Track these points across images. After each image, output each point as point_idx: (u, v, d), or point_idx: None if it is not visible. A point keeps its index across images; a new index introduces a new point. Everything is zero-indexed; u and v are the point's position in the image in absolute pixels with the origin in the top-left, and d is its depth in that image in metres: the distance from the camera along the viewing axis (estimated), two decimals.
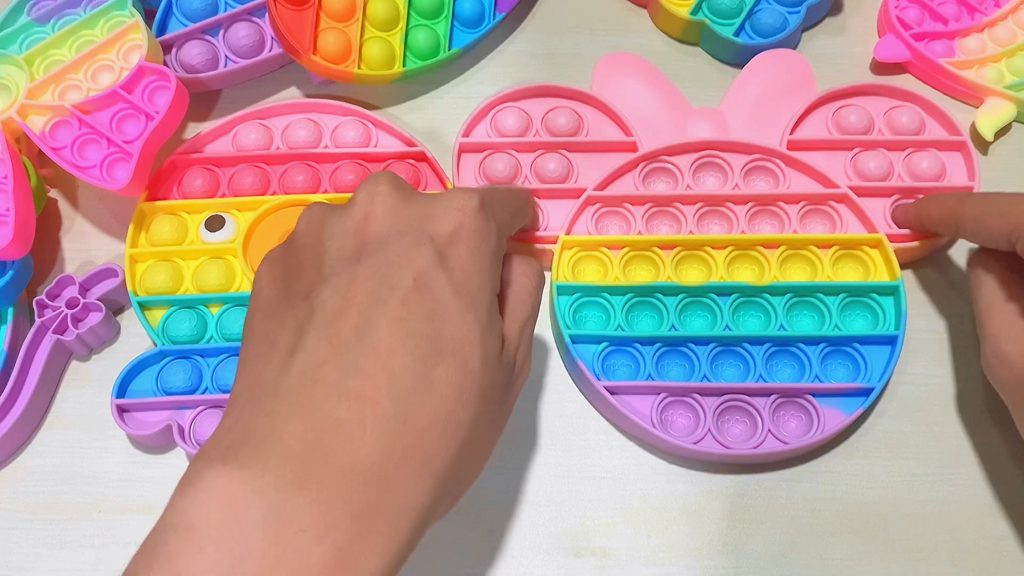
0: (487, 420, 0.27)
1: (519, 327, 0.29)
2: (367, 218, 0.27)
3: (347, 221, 0.27)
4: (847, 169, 0.41)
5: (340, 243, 0.27)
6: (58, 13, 0.42)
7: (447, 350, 0.25)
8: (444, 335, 0.25)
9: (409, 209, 0.27)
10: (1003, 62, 0.44)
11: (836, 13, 0.47)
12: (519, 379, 0.30)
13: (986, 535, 0.35)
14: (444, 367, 0.25)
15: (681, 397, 0.37)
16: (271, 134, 0.42)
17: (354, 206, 0.27)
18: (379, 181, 0.28)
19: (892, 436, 0.37)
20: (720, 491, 0.36)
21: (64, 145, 0.39)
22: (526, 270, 0.30)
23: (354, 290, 0.25)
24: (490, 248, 0.28)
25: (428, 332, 0.25)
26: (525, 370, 0.30)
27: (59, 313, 0.37)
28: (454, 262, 0.26)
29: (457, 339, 0.25)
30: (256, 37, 0.43)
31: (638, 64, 0.43)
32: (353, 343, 0.24)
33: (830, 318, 0.38)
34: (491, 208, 0.28)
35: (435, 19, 0.44)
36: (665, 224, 0.40)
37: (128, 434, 0.36)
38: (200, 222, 0.40)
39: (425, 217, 0.27)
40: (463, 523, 0.36)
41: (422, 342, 0.25)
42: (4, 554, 0.35)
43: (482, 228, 0.27)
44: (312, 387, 0.24)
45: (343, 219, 0.27)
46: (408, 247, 0.26)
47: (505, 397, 0.28)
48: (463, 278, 0.26)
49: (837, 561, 0.35)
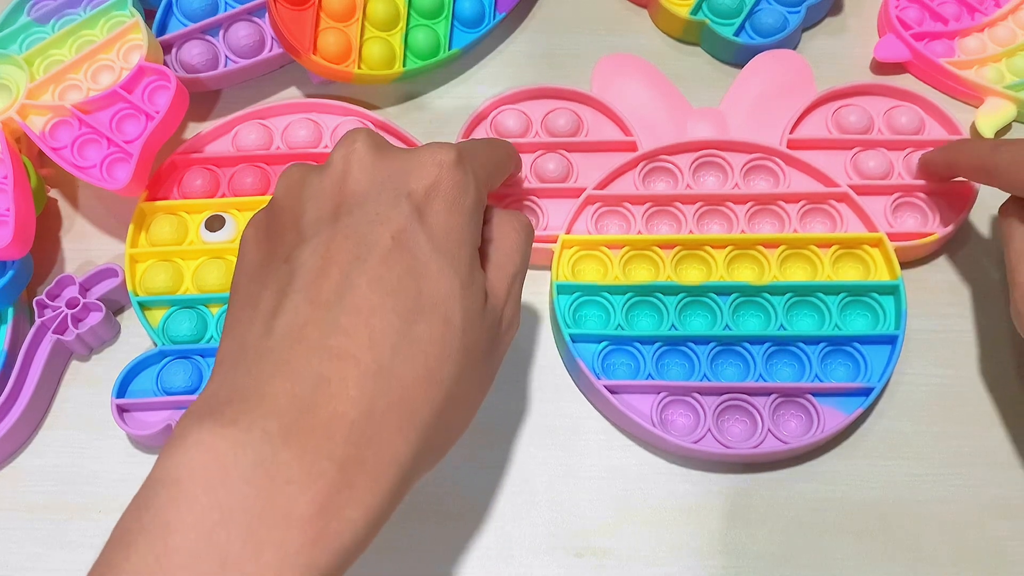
0: (471, 375, 0.27)
1: (506, 282, 0.29)
2: (344, 177, 0.27)
3: (324, 181, 0.27)
4: (847, 168, 0.41)
5: (318, 204, 0.27)
6: (58, 13, 0.42)
7: (427, 307, 0.25)
8: (424, 292, 0.25)
9: (386, 166, 0.27)
10: (1003, 62, 0.44)
11: (836, 13, 0.47)
12: (507, 334, 0.30)
13: (986, 535, 0.35)
14: (425, 324, 0.25)
15: (681, 396, 0.37)
16: (271, 134, 0.42)
17: (331, 166, 0.28)
18: (355, 139, 0.28)
19: (892, 436, 0.37)
20: (720, 491, 0.36)
21: (64, 145, 0.39)
22: (513, 224, 0.30)
23: (333, 250, 0.25)
24: (469, 202, 0.28)
25: (408, 290, 0.25)
26: (514, 325, 0.30)
27: (59, 313, 0.37)
28: (432, 218, 0.27)
29: (437, 296, 0.26)
30: (256, 37, 0.43)
31: (638, 64, 0.43)
32: (334, 302, 0.25)
33: (830, 318, 0.38)
34: (469, 161, 0.28)
35: (435, 19, 0.44)
36: (665, 223, 0.40)
37: (128, 434, 0.36)
38: (200, 222, 0.40)
39: (402, 173, 0.27)
40: (463, 523, 0.36)
41: (402, 300, 0.25)
42: (4, 554, 0.35)
43: (460, 182, 0.27)
44: (295, 346, 0.24)
45: (321, 179, 0.27)
46: (386, 205, 0.26)
47: (491, 352, 0.28)
48: (442, 234, 0.26)
49: (837, 561, 0.35)
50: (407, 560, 0.35)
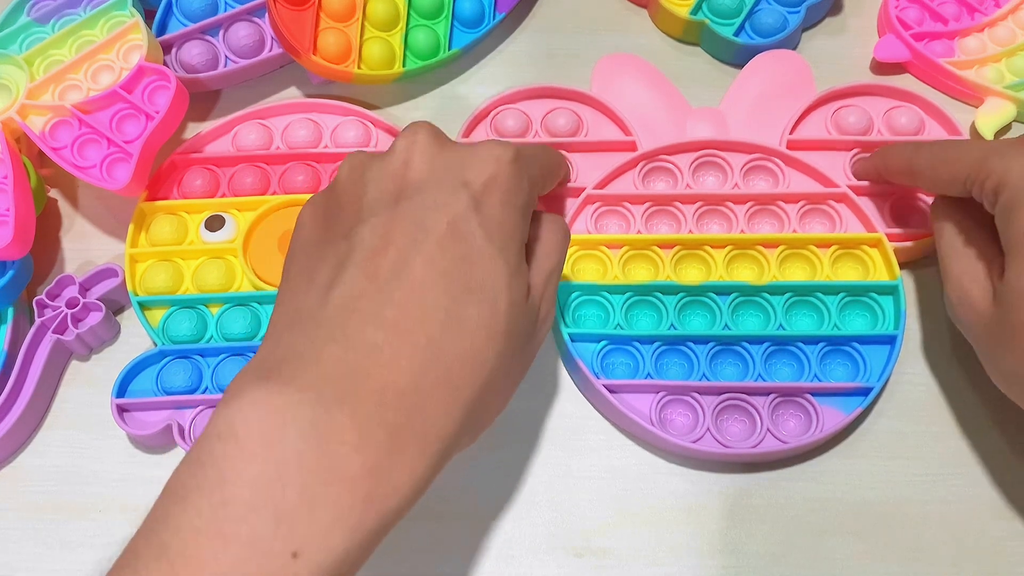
0: (511, 361, 0.28)
1: (544, 278, 0.30)
2: (407, 164, 0.28)
3: (387, 167, 0.29)
4: (847, 169, 0.41)
5: (380, 187, 0.28)
6: (58, 13, 0.42)
7: (477, 291, 0.26)
8: (475, 277, 0.27)
9: (446, 157, 0.29)
10: (1003, 62, 0.44)
11: (836, 13, 0.47)
12: (543, 327, 0.31)
13: (986, 535, 0.35)
14: (474, 306, 0.26)
15: (680, 396, 0.37)
16: (271, 134, 0.42)
17: (394, 153, 0.29)
18: (418, 130, 0.29)
19: (892, 436, 0.37)
20: (720, 490, 0.36)
21: (64, 145, 0.39)
22: (553, 226, 0.32)
23: (392, 230, 0.27)
24: (522, 199, 0.29)
25: (460, 273, 0.26)
26: (549, 320, 0.31)
27: (59, 313, 0.37)
28: (487, 210, 0.28)
29: (487, 281, 0.27)
30: (256, 37, 0.43)
31: (637, 64, 0.43)
32: (390, 279, 0.26)
33: (829, 317, 0.38)
34: (525, 162, 0.30)
35: (435, 19, 0.44)
36: (664, 223, 0.40)
37: (128, 434, 0.36)
38: (200, 222, 0.40)
39: (461, 165, 0.28)
40: (463, 523, 0.36)
41: (454, 282, 0.26)
42: (4, 554, 0.35)
43: (515, 179, 0.29)
44: (350, 315, 0.25)
45: (383, 165, 0.29)
46: (445, 193, 0.27)
47: (529, 342, 0.30)
48: (495, 225, 0.28)
49: (837, 561, 0.35)
50: (407, 560, 0.35)
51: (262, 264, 0.39)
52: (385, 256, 0.26)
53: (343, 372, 0.24)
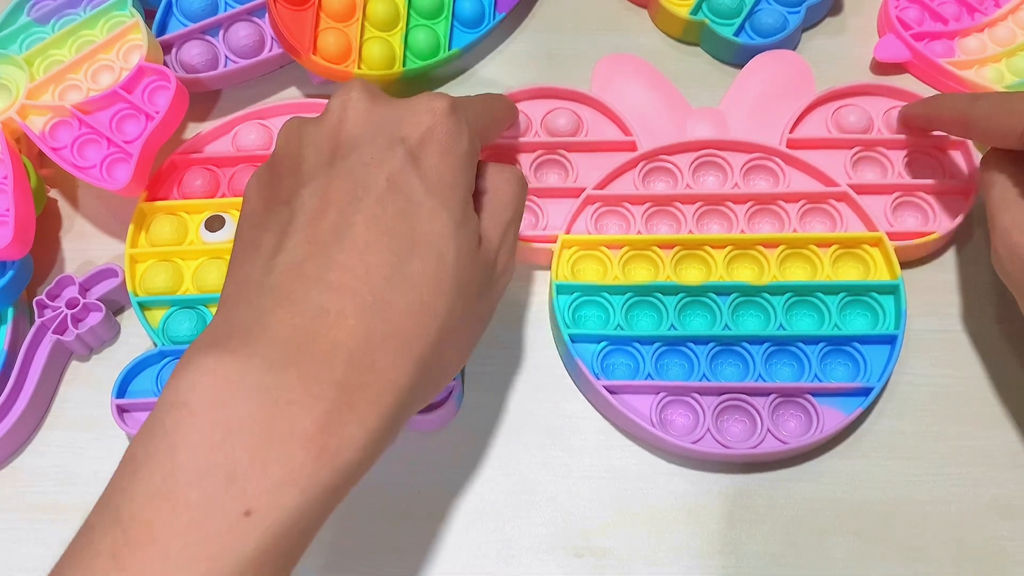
0: (465, 312, 0.28)
1: (501, 229, 0.30)
2: (340, 123, 0.28)
3: (322, 128, 0.29)
4: (847, 168, 0.41)
5: (316, 149, 0.28)
6: (58, 13, 0.42)
7: (421, 244, 0.27)
8: (417, 231, 0.27)
9: (381, 112, 0.29)
10: (1003, 62, 0.44)
11: (836, 13, 0.47)
12: (502, 278, 0.31)
13: (986, 535, 0.35)
14: (419, 260, 0.26)
15: (680, 396, 0.37)
16: (271, 134, 0.42)
17: (328, 114, 0.29)
18: (351, 87, 0.29)
19: (892, 436, 0.37)
20: (720, 491, 0.36)
21: (64, 145, 0.39)
22: (506, 176, 0.32)
23: (331, 191, 0.27)
24: (462, 149, 0.29)
25: (402, 229, 0.26)
26: (508, 270, 0.31)
27: (59, 313, 0.37)
28: (425, 162, 0.28)
29: (430, 234, 0.27)
30: (256, 37, 0.43)
31: (637, 65, 0.43)
32: (332, 240, 0.26)
33: (830, 317, 0.38)
34: (463, 111, 0.29)
35: (435, 19, 0.44)
36: (664, 223, 0.40)
37: (128, 434, 0.36)
38: (200, 222, 0.40)
39: (397, 120, 0.28)
40: (463, 523, 0.36)
41: (396, 238, 0.26)
42: (4, 554, 0.35)
43: (453, 129, 0.28)
44: (295, 281, 0.26)
45: (318, 127, 0.29)
46: (381, 149, 0.27)
47: (486, 293, 0.30)
48: (435, 177, 0.28)
49: (837, 561, 0.35)
50: (407, 560, 0.35)
51: None
52: (326, 218, 0.26)
53: (291, 336, 0.24)
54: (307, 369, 0.24)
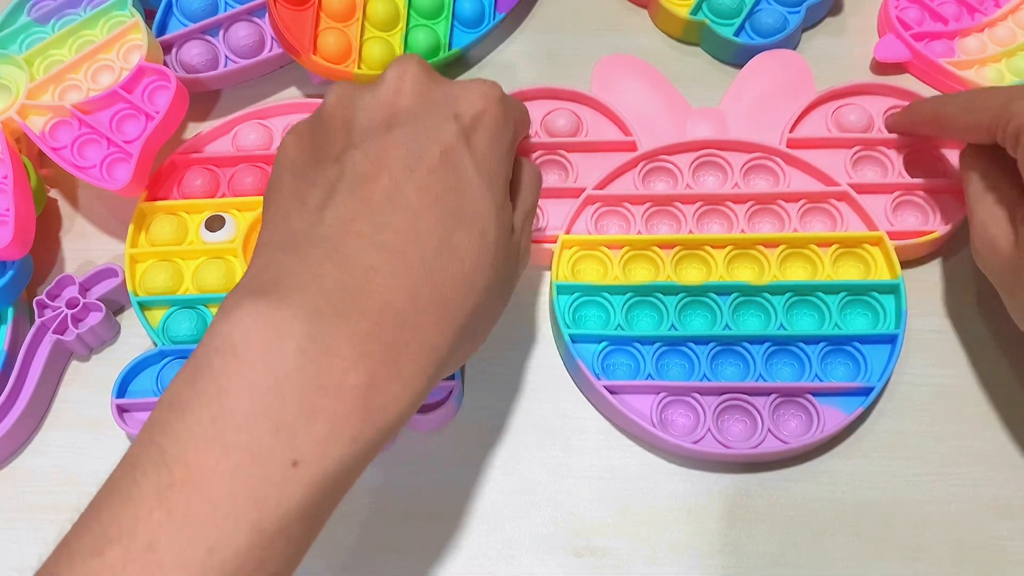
0: (496, 290, 0.29)
1: (522, 217, 0.31)
2: (397, 93, 0.29)
3: (378, 95, 0.29)
4: (847, 167, 0.41)
5: (370, 114, 0.29)
6: (58, 13, 0.42)
7: (467, 219, 0.27)
8: (465, 206, 0.27)
9: (437, 89, 0.29)
10: (1003, 62, 0.44)
11: (836, 13, 0.47)
12: (521, 264, 0.32)
13: (986, 535, 0.35)
14: (464, 234, 0.27)
15: (681, 396, 0.37)
16: (271, 134, 0.42)
17: (383, 82, 0.29)
18: (409, 60, 0.30)
19: (892, 436, 0.37)
20: (720, 491, 0.36)
21: (64, 145, 0.39)
22: (528, 168, 0.33)
23: (385, 156, 0.27)
24: (508, 137, 0.30)
25: (451, 202, 0.27)
26: (526, 258, 0.32)
27: (59, 313, 0.37)
28: (476, 143, 0.28)
29: (476, 212, 0.28)
30: (256, 37, 0.43)
31: (637, 65, 0.43)
32: (383, 203, 0.26)
33: (830, 317, 0.38)
34: (510, 103, 0.31)
35: (435, 19, 0.44)
36: (665, 223, 0.40)
37: (128, 434, 0.36)
38: (200, 222, 0.40)
39: (452, 98, 0.29)
40: (464, 523, 0.36)
41: (445, 210, 0.27)
42: (4, 554, 0.35)
43: (502, 117, 0.30)
44: (344, 237, 0.26)
45: (374, 93, 0.29)
46: (437, 122, 0.28)
47: (511, 278, 0.31)
48: (483, 159, 0.28)
49: (837, 561, 0.35)
50: (407, 560, 0.35)
51: None
52: (378, 181, 0.27)
53: (339, 290, 0.25)
54: (357, 324, 0.24)
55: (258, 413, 0.23)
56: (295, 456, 0.23)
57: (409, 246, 0.26)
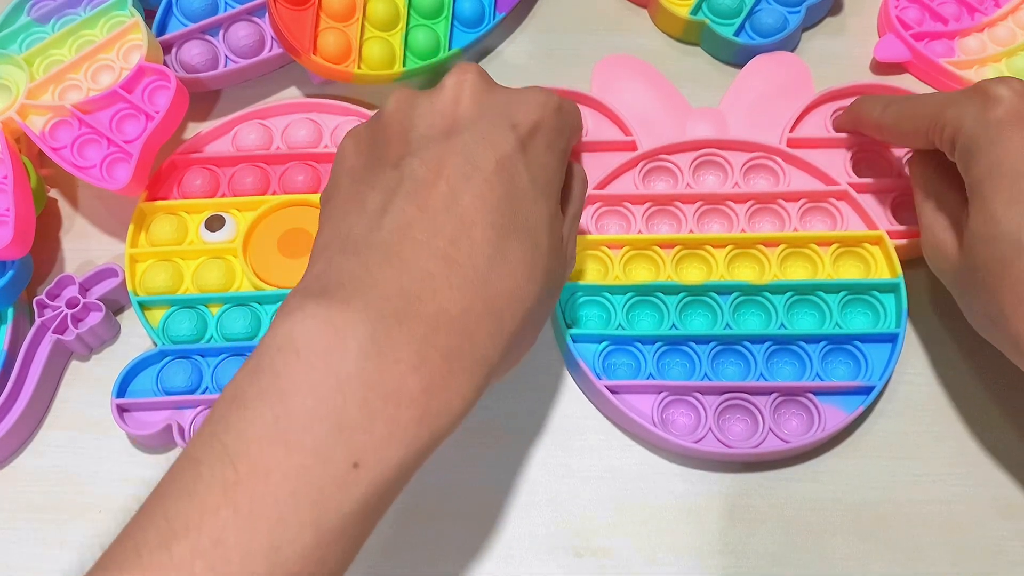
0: (545, 300, 0.29)
1: (570, 223, 0.32)
2: (456, 101, 0.29)
3: (436, 103, 0.29)
4: (847, 166, 0.41)
5: (429, 121, 0.29)
6: (58, 13, 0.42)
7: (521, 229, 0.27)
8: (519, 216, 0.27)
9: (495, 98, 0.30)
10: (1003, 62, 0.44)
11: (836, 13, 0.47)
12: (568, 269, 0.32)
13: (986, 535, 0.35)
14: (517, 244, 0.27)
15: (682, 396, 0.37)
16: (271, 134, 0.42)
17: (444, 90, 0.30)
18: (467, 69, 0.30)
19: (892, 435, 0.37)
20: (721, 490, 0.36)
21: (64, 145, 0.39)
22: (578, 173, 0.33)
23: (443, 164, 0.27)
24: (562, 146, 0.30)
25: (506, 211, 0.27)
26: (572, 262, 0.32)
27: (59, 313, 0.37)
28: (532, 152, 0.29)
29: (530, 222, 0.28)
30: (256, 37, 0.43)
31: (637, 65, 0.43)
32: (441, 210, 0.27)
33: (831, 316, 0.38)
34: (566, 112, 0.31)
35: (435, 19, 0.44)
36: (665, 223, 0.40)
37: (128, 434, 0.36)
38: (200, 222, 0.40)
39: (509, 106, 0.29)
40: (463, 523, 0.36)
41: (500, 219, 0.27)
42: (4, 554, 0.35)
43: (558, 127, 0.30)
44: (403, 242, 0.26)
45: (432, 101, 0.30)
46: (494, 131, 0.28)
47: (559, 285, 0.31)
48: (538, 169, 0.29)
49: (837, 561, 0.35)
50: (407, 560, 0.35)
51: (262, 264, 0.39)
52: (436, 188, 0.27)
53: (399, 294, 0.25)
54: (415, 330, 0.24)
55: (321, 414, 0.23)
56: (356, 458, 0.23)
57: (464, 254, 0.26)
